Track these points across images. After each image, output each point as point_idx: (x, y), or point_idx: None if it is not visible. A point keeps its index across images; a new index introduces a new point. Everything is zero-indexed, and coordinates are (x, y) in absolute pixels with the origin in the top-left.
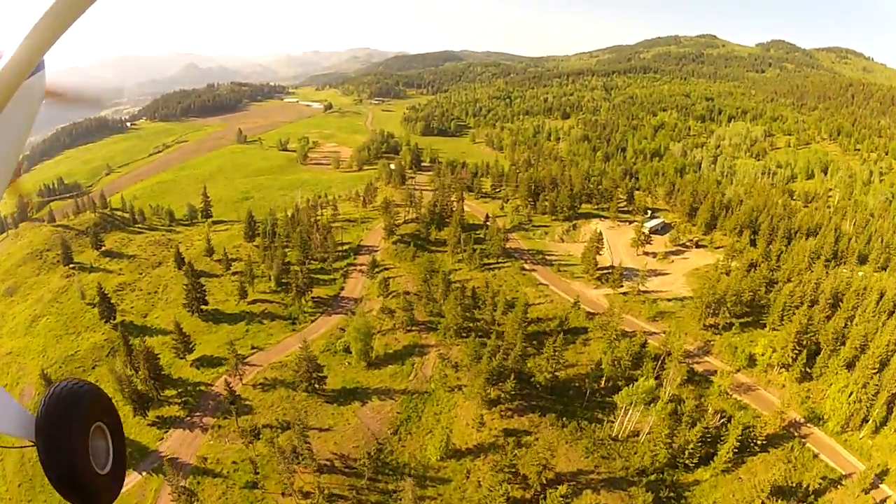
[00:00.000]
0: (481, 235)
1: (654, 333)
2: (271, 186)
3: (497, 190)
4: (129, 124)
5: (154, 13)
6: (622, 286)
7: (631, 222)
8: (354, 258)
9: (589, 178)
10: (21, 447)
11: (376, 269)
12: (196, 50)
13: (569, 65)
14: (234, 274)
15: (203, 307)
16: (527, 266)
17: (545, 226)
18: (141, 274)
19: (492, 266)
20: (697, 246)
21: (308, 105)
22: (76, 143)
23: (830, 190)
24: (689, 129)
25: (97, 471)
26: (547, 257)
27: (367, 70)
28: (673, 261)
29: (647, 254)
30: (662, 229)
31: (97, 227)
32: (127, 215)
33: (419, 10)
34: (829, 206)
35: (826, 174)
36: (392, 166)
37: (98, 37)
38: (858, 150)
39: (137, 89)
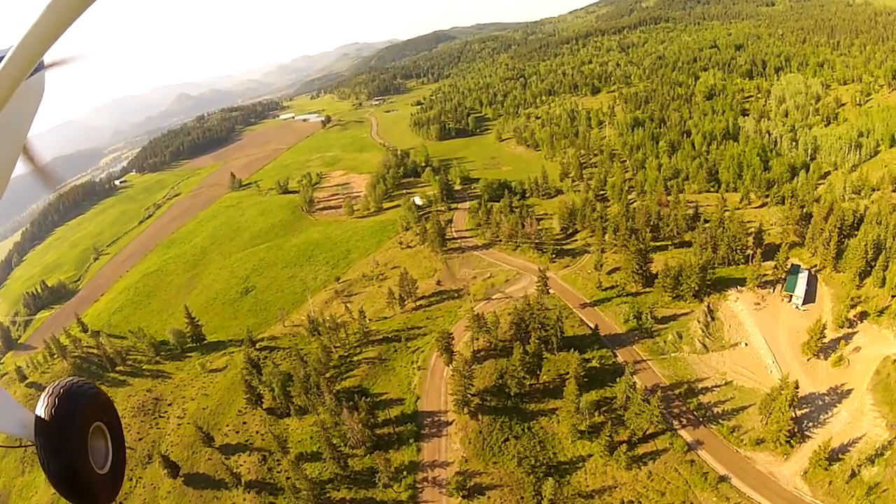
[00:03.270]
0: (594, 362)
1: None
2: (276, 263)
3: (569, 234)
4: (118, 182)
5: (139, 52)
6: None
7: (774, 283)
8: (418, 448)
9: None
10: (21, 446)
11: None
12: (186, 78)
13: (568, 25)
14: (247, 488)
15: None
16: (686, 435)
17: (671, 317)
18: (132, 480)
19: (637, 448)
20: (863, 317)
21: (305, 119)
22: (65, 219)
23: None
24: (742, 90)
25: (96, 470)
26: (701, 397)
27: (359, 66)
28: (848, 362)
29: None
30: (809, 287)
31: None
32: (101, 352)
33: None
34: None
35: None
36: (418, 201)
37: (88, 86)
38: None
39: (134, 130)
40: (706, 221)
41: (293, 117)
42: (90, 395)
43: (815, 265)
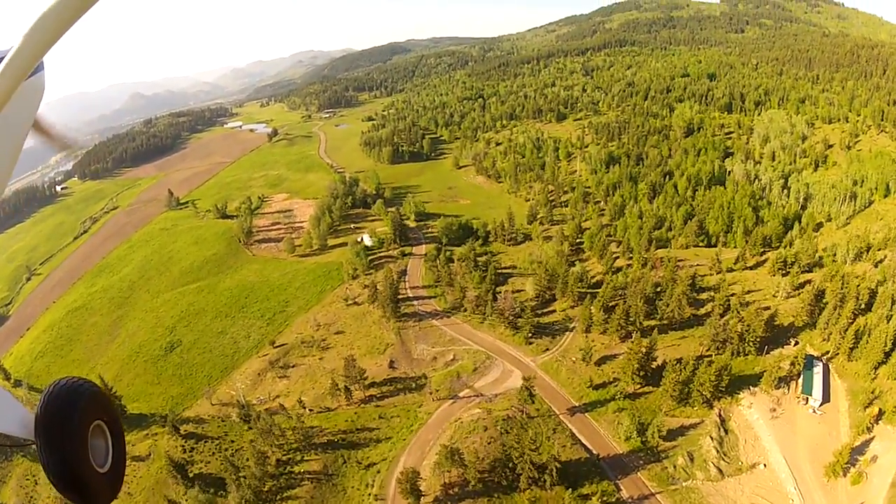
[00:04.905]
0: (594, 500)
1: None
2: (205, 310)
3: (545, 301)
4: (58, 188)
5: (94, 47)
6: None
7: (788, 381)
8: None
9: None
10: (21, 446)
11: None
12: (141, 77)
13: (527, 44)
14: None
15: None
16: None
17: (678, 430)
18: None
19: None
20: (878, 417)
21: (252, 130)
22: (4, 227)
23: None
24: (723, 126)
25: (97, 469)
26: None
27: (313, 74)
28: (866, 476)
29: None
30: (825, 383)
31: None
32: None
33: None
34: None
35: None
36: (367, 240)
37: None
38: None
39: (86, 128)
40: (702, 290)
41: (240, 126)
42: (90, 394)
43: (827, 352)
